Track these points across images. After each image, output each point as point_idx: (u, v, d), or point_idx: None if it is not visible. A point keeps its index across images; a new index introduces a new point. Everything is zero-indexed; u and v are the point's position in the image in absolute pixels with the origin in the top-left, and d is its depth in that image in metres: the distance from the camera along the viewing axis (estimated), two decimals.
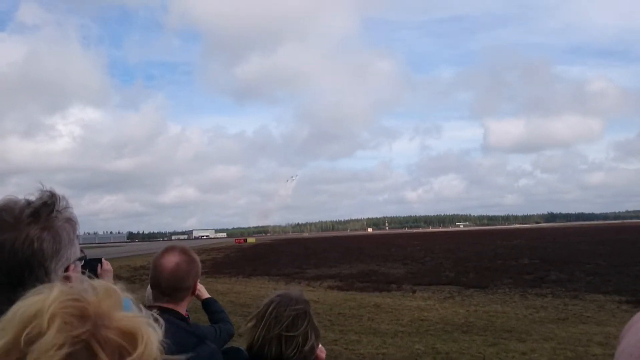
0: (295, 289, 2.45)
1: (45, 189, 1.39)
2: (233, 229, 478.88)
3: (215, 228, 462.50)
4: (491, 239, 68.20)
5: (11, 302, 1.34)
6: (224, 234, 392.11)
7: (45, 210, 1.35)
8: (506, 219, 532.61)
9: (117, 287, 0.86)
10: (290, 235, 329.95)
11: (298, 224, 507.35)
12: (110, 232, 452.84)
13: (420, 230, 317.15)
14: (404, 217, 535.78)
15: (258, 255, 50.93)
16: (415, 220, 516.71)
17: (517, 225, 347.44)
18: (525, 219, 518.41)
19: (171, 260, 2.53)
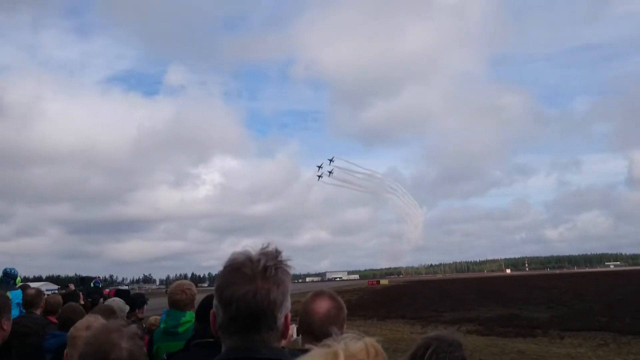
0: (449, 332, 2.40)
1: (269, 246, 1.71)
2: (365, 270, 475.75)
3: (348, 270, 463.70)
4: None
5: (245, 343, 1.64)
6: (356, 276, 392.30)
7: (276, 266, 1.66)
8: None
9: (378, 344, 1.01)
10: (424, 276, 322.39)
11: (431, 264, 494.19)
12: None
13: (565, 270, 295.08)
14: (545, 257, 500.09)
15: (392, 297, 50.56)
16: (558, 260, 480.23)
17: None
18: None
19: (322, 306, 2.68)
